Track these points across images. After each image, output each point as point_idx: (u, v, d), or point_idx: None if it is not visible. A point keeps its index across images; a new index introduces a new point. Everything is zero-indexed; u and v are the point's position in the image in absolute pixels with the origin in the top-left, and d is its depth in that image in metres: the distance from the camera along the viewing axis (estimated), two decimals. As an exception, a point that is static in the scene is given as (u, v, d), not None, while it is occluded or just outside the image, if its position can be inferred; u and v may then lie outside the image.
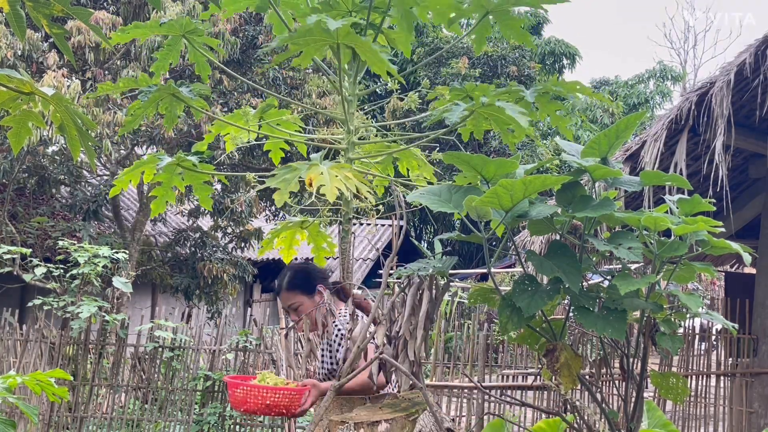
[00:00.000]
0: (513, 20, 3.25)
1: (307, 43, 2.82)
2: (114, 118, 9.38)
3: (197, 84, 3.43)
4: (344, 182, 2.77)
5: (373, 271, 15.58)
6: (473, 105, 2.95)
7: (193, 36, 3.28)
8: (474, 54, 17.88)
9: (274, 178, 2.86)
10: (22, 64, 9.24)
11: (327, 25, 2.65)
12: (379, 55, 2.80)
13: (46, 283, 7.88)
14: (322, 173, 2.77)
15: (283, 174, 2.86)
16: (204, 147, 3.60)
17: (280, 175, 2.85)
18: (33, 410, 2.18)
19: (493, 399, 6.73)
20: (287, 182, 2.80)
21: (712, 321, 2.67)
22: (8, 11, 2.10)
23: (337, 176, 2.77)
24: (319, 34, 2.76)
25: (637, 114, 2.34)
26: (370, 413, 2.93)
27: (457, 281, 13.20)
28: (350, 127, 3.28)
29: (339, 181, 2.76)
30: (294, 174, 2.83)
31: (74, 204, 10.95)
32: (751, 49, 5.21)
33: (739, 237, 6.74)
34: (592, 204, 2.24)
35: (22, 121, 2.31)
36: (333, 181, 2.74)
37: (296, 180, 2.81)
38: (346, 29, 2.71)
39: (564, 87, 3.20)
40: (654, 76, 25.96)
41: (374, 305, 2.70)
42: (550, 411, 5.23)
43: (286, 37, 2.79)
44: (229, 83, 10.53)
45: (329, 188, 2.72)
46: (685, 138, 5.49)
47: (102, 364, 6.78)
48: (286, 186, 2.79)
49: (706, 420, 6.69)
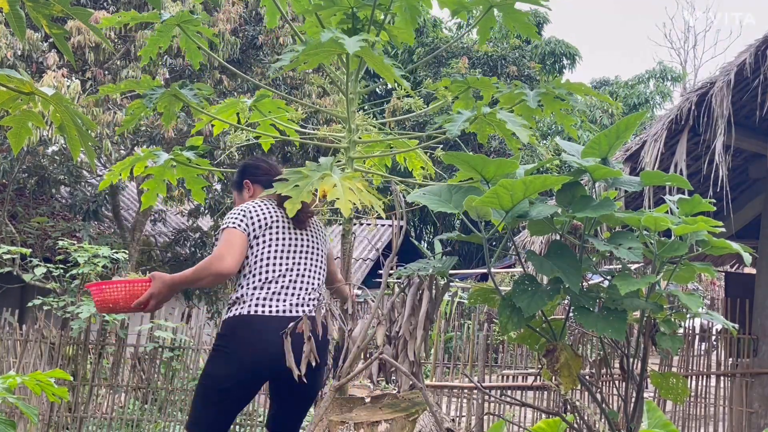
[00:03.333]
0: (518, 14, 3.25)
1: (318, 54, 2.82)
2: (114, 118, 9.38)
3: (199, 84, 3.44)
4: (357, 195, 2.76)
5: (373, 271, 15.58)
6: (475, 115, 2.96)
7: (187, 25, 3.28)
8: (474, 54, 17.89)
9: (284, 184, 2.84)
10: (22, 64, 9.24)
11: (344, 44, 2.64)
12: (388, 65, 2.81)
13: (46, 283, 7.87)
14: (335, 185, 2.75)
15: (294, 180, 2.84)
16: (199, 141, 3.60)
17: (291, 182, 2.83)
18: (33, 410, 2.18)
19: (493, 399, 6.73)
20: (298, 191, 2.78)
21: (712, 321, 2.67)
22: (8, 11, 2.10)
23: (350, 189, 2.75)
24: (331, 47, 2.75)
25: (637, 114, 2.34)
26: (370, 413, 2.93)
27: (457, 281, 13.20)
28: (351, 125, 3.28)
29: (353, 194, 2.74)
30: (305, 182, 2.81)
31: (74, 204, 10.95)
32: (751, 49, 5.21)
33: (739, 237, 6.73)
34: (592, 204, 2.24)
35: (22, 121, 2.31)
36: (347, 194, 2.72)
37: (308, 189, 2.78)
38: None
39: (570, 88, 3.20)
40: (654, 76, 25.95)
41: (374, 305, 2.70)
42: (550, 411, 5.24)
43: (298, 53, 2.78)
44: (229, 83, 10.53)
45: (344, 202, 2.71)
46: (685, 138, 5.49)
47: (102, 365, 6.78)
48: (298, 195, 2.77)
49: (706, 420, 6.69)
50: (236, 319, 2.97)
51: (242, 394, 3.02)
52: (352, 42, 2.63)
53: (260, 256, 3.01)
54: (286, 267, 3.03)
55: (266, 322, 2.93)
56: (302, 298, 3.03)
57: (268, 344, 2.90)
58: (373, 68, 2.93)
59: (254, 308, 2.95)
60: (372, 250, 16.13)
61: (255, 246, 3.02)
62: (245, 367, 2.92)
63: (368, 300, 12.11)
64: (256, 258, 3.02)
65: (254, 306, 2.95)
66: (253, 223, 3.03)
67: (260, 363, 2.91)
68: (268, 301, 2.97)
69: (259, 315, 2.94)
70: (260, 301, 2.96)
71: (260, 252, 3.02)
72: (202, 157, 3.57)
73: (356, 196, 2.75)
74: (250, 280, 3.00)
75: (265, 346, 2.91)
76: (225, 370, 2.94)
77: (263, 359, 2.91)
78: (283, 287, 3.00)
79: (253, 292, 2.98)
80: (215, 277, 2.94)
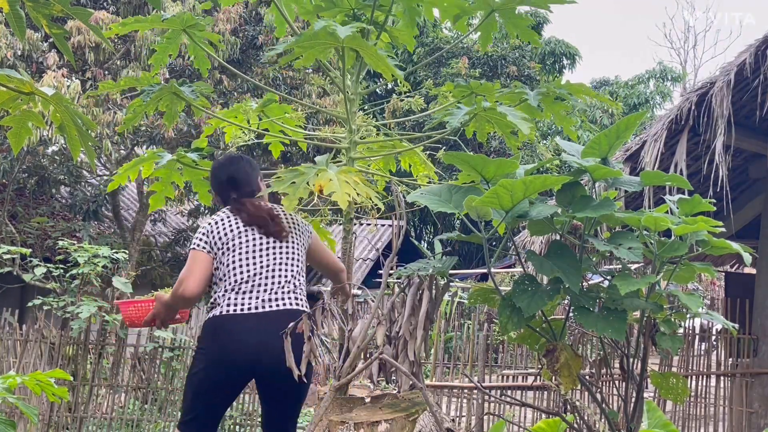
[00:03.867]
0: (518, 19, 3.25)
1: (312, 46, 2.81)
2: (114, 118, 9.38)
3: (199, 83, 3.43)
4: (354, 188, 2.75)
5: (373, 271, 15.57)
6: (475, 109, 2.95)
7: (194, 30, 3.28)
8: (474, 54, 17.88)
9: (280, 182, 2.84)
10: (22, 64, 9.24)
11: (335, 31, 2.63)
12: (385, 59, 2.80)
13: (46, 283, 7.87)
14: (331, 180, 2.75)
15: (290, 178, 2.84)
16: (204, 143, 3.60)
17: (286, 179, 2.83)
18: (33, 410, 2.18)
19: (493, 399, 6.73)
20: (295, 187, 2.78)
21: (712, 321, 2.67)
22: (8, 11, 2.09)
23: (346, 182, 2.75)
24: (325, 38, 2.75)
25: (638, 114, 2.34)
26: (370, 413, 2.93)
27: (457, 281, 13.20)
28: (352, 126, 3.28)
29: (349, 187, 2.74)
30: (301, 178, 2.81)
31: (74, 204, 10.95)
32: (751, 49, 5.20)
33: (739, 237, 6.73)
34: (592, 204, 2.24)
35: (22, 121, 2.31)
36: (343, 187, 2.72)
37: (304, 186, 2.79)
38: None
39: (570, 89, 3.20)
40: (654, 76, 25.93)
41: (374, 305, 2.70)
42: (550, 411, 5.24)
43: (292, 41, 2.78)
44: (229, 83, 10.54)
45: (340, 195, 2.70)
46: (686, 138, 5.49)
47: (102, 365, 6.78)
48: (294, 191, 2.77)
49: (706, 420, 6.69)
50: (211, 321, 3.02)
51: (223, 391, 3.05)
52: (344, 29, 2.62)
53: (229, 262, 3.04)
54: (257, 267, 3.03)
55: (239, 320, 2.96)
56: (275, 293, 3.02)
57: (242, 343, 2.93)
58: (368, 62, 2.92)
59: (227, 308, 2.98)
60: (372, 250, 16.13)
61: (223, 255, 3.05)
62: (221, 365, 2.96)
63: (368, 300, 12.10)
64: (227, 266, 3.04)
65: (227, 306, 2.99)
66: (219, 239, 3.06)
67: (234, 361, 2.94)
68: (240, 300, 2.99)
69: (231, 314, 2.97)
70: (232, 301, 2.99)
71: (229, 259, 3.04)
72: (205, 159, 3.57)
73: (353, 189, 2.75)
74: (223, 285, 3.04)
75: (239, 346, 2.94)
76: (203, 370, 2.99)
77: (237, 358, 2.94)
78: (254, 285, 3.01)
79: (225, 294, 3.01)
80: (183, 300, 3.03)
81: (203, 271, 3.02)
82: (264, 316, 2.94)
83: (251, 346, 2.90)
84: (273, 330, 2.85)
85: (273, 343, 2.81)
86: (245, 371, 2.99)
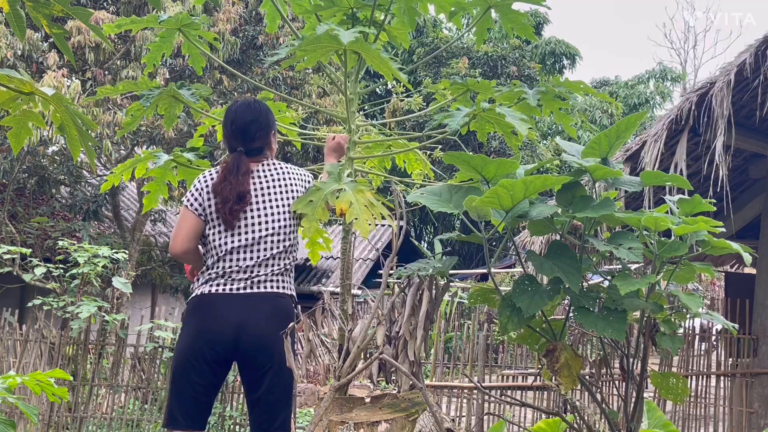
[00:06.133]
0: (515, 14, 3.25)
1: (315, 50, 2.82)
2: (114, 118, 9.38)
3: (198, 85, 3.44)
4: (371, 210, 2.75)
5: (373, 271, 15.58)
6: (474, 110, 2.95)
7: (189, 29, 3.28)
8: (474, 54, 17.88)
9: (298, 200, 2.84)
10: (22, 64, 9.24)
11: (338, 35, 2.64)
12: (388, 62, 2.81)
13: (46, 283, 7.88)
14: (352, 204, 2.73)
15: (308, 195, 2.84)
16: (199, 143, 3.60)
17: (304, 197, 2.83)
18: (33, 410, 2.18)
19: (493, 399, 6.73)
20: (313, 207, 2.77)
21: (712, 321, 2.67)
22: (8, 11, 2.09)
23: (365, 206, 2.74)
24: (327, 42, 2.75)
25: (638, 114, 2.34)
26: (370, 413, 2.93)
27: (457, 281, 13.20)
28: (351, 126, 3.28)
29: (368, 212, 2.73)
30: (318, 195, 2.80)
31: (74, 204, 10.95)
32: (751, 49, 5.21)
33: (739, 237, 6.73)
34: (592, 204, 2.24)
35: (22, 121, 2.31)
36: (363, 212, 2.71)
37: (322, 205, 2.77)
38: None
39: (568, 87, 3.20)
40: (654, 76, 25.95)
41: (374, 305, 2.70)
42: (550, 411, 5.24)
43: (294, 47, 2.78)
44: (229, 83, 10.54)
45: (362, 223, 2.69)
46: (686, 138, 5.49)
47: (102, 364, 6.78)
48: (313, 212, 2.76)
49: (706, 420, 6.69)
50: (192, 300, 2.98)
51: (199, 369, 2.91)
52: (347, 34, 2.63)
53: (211, 234, 2.95)
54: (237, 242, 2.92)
55: (218, 300, 2.90)
56: (255, 273, 2.91)
57: (218, 320, 2.87)
58: (370, 64, 2.92)
59: (207, 288, 2.92)
60: (372, 250, 16.13)
61: (209, 222, 2.96)
62: (197, 339, 2.89)
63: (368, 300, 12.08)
64: (210, 236, 2.96)
65: (207, 286, 2.93)
66: (205, 200, 2.95)
67: (210, 335, 2.87)
68: (220, 280, 2.91)
69: (211, 294, 2.91)
70: (213, 280, 2.93)
71: (211, 230, 2.95)
72: (202, 159, 3.57)
73: (371, 214, 2.74)
74: (207, 259, 2.98)
75: (213, 324, 2.87)
76: (182, 344, 2.94)
77: (213, 336, 2.87)
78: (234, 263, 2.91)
79: (205, 271, 2.96)
80: (177, 258, 3.03)
81: (188, 230, 2.94)
82: (243, 297, 2.88)
83: (229, 324, 2.84)
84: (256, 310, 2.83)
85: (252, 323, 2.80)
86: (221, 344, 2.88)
